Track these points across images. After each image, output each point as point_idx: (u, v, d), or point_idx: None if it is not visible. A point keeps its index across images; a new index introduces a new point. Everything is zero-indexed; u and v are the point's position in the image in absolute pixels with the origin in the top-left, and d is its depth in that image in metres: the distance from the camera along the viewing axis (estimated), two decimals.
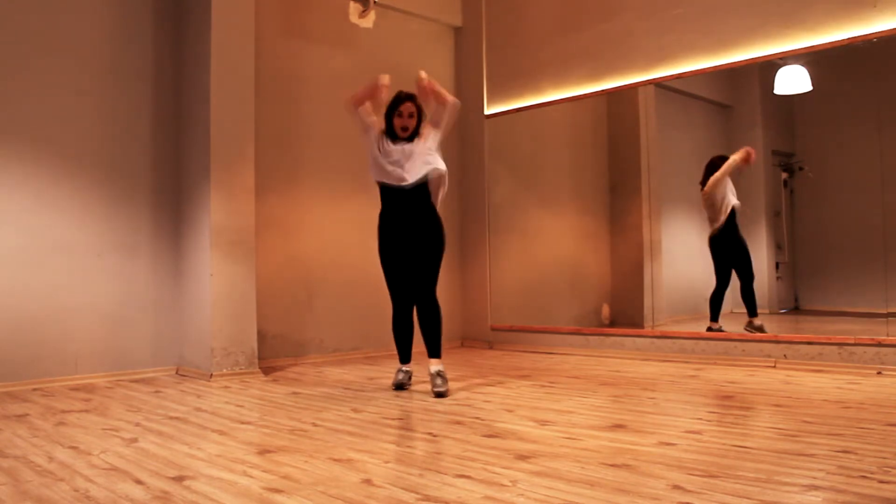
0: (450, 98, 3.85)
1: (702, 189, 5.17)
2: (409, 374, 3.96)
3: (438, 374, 3.72)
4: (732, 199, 5.07)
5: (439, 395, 3.64)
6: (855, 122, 4.88)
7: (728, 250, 5.11)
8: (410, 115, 3.79)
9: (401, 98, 3.80)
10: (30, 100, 4.20)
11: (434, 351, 3.81)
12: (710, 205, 5.13)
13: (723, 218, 5.07)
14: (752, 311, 4.96)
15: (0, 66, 4.10)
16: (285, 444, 2.63)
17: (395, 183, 3.77)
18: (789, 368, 4.31)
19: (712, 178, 5.08)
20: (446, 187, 3.94)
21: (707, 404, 3.36)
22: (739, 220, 5.06)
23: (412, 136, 3.82)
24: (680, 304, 5.52)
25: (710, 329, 4.97)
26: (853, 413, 2.98)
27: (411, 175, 3.74)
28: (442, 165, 3.85)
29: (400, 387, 3.89)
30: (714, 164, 5.12)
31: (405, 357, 3.97)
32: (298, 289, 5.23)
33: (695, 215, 5.32)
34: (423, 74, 3.81)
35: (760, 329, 4.80)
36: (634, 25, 5.24)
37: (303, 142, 5.30)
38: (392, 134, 3.83)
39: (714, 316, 5.04)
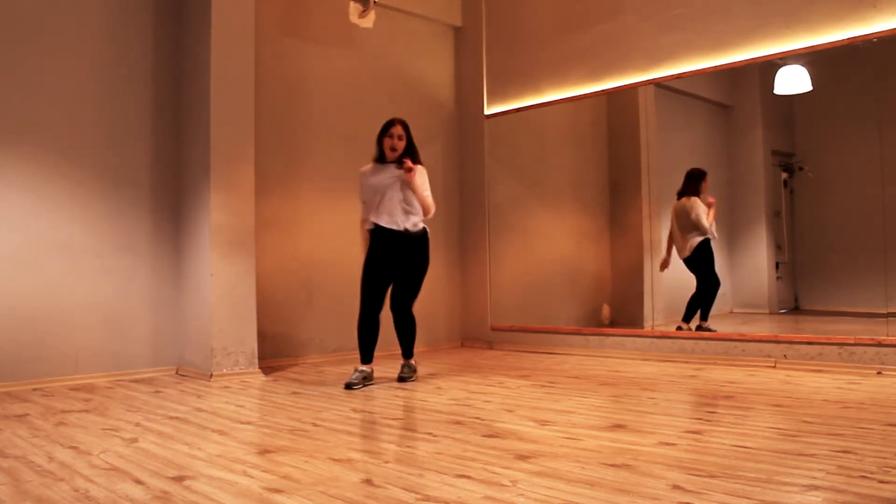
0: (426, 203, 4.10)
1: (678, 198, 5.27)
2: (363, 374, 4.04)
3: (407, 364, 4.25)
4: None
5: (402, 379, 4.16)
6: (855, 122, 4.88)
7: (702, 261, 5.19)
8: (399, 137, 4.08)
9: (392, 122, 4.10)
10: (30, 100, 4.20)
11: (408, 352, 4.27)
12: (691, 220, 5.21)
13: (701, 233, 5.18)
14: (688, 317, 5.12)
15: (0, 66, 4.11)
16: (285, 444, 2.63)
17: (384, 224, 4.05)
18: (789, 368, 4.31)
19: (700, 204, 5.17)
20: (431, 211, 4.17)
21: (707, 404, 3.36)
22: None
23: (400, 158, 4.05)
24: (680, 304, 5.51)
25: (699, 328, 5.04)
26: (853, 413, 2.98)
27: (394, 223, 4.02)
28: (427, 203, 4.11)
29: (349, 386, 3.92)
30: (693, 177, 5.21)
31: (368, 357, 4.12)
32: (298, 289, 5.23)
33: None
34: (409, 164, 4.01)
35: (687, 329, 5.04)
36: (634, 25, 5.23)
37: (303, 142, 5.30)
38: (381, 157, 4.12)
39: (704, 315, 5.11)
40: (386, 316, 4.17)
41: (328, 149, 5.41)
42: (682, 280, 5.37)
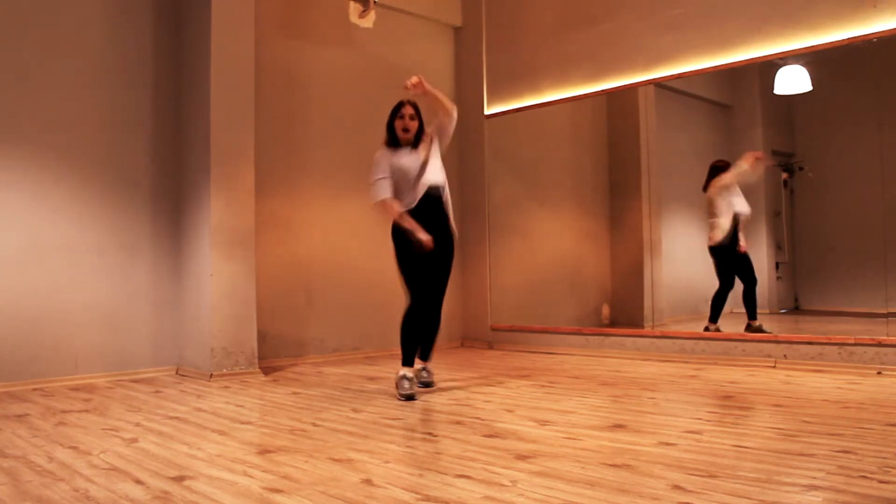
0: (447, 102, 3.85)
1: (704, 192, 5.18)
2: (414, 381, 3.72)
3: (425, 368, 3.96)
4: (738, 207, 5.05)
5: (428, 385, 3.91)
6: (855, 122, 4.88)
7: (730, 258, 5.08)
8: (412, 118, 3.83)
9: (401, 103, 3.86)
10: (30, 100, 4.20)
11: (427, 355, 3.97)
12: (712, 210, 5.12)
13: (726, 225, 5.05)
14: (752, 314, 4.95)
15: (1, 68, 4.11)
16: (285, 444, 2.63)
17: (422, 190, 3.73)
18: (789, 368, 4.31)
19: (715, 183, 5.06)
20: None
21: (707, 404, 3.36)
22: (742, 228, 5.04)
23: (416, 140, 3.83)
24: (680, 304, 5.52)
25: (707, 329, 4.97)
26: (853, 413, 2.98)
27: (436, 178, 3.82)
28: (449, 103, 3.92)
29: (411, 398, 3.57)
30: (716, 169, 5.11)
31: (410, 359, 3.72)
32: (298, 289, 5.23)
33: (695, 215, 5.32)
34: (413, 79, 3.72)
35: (760, 330, 4.80)
36: (634, 25, 5.23)
37: (303, 141, 5.30)
38: (395, 141, 3.82)
39: (714, 317, 5.02)
40: (385, 312, 4.16)
41: (328, 149, 5.41)
42: (682, 280, 5.37)
